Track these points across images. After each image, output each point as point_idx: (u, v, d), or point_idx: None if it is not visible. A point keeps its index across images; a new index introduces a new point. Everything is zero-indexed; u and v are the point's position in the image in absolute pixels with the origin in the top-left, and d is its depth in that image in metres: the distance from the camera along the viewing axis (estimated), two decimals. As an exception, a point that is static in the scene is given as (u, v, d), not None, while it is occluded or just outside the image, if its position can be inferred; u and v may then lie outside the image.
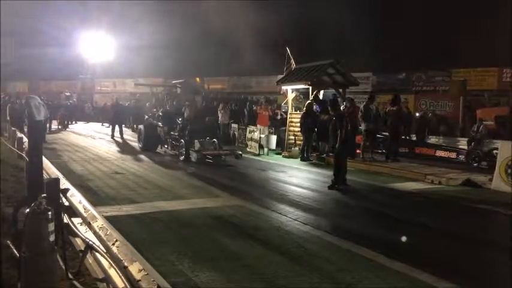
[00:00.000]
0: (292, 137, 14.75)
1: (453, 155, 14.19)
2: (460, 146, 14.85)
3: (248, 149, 15.05)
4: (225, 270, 4.31)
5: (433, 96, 23.01)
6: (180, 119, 14.01)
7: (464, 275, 4.52)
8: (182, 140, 12.69)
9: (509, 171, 9.03)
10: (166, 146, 14.11)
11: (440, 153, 14.55)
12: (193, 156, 11.77)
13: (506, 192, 8.82)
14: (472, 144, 14.15)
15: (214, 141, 12.79)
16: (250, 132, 15.70)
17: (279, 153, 14.64)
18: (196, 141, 12.32)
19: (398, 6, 24.77)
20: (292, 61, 16.30)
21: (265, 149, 14.62)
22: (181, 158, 12.31)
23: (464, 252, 5.38)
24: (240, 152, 12.58)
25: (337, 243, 5.37)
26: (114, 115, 19.44)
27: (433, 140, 16.31)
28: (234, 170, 11.09)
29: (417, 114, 19.66)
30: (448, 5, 23.16)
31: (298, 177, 10.39)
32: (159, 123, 14.67)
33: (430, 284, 4.20)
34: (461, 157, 13.81)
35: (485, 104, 19.71)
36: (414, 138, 16.51)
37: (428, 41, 24.20)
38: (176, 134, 13.57)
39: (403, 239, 5.61)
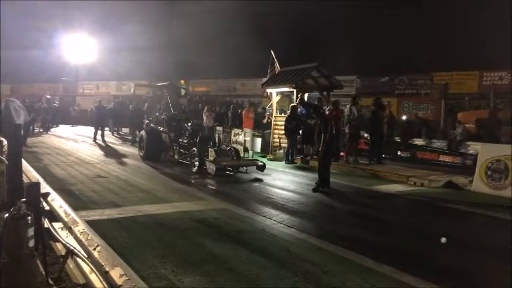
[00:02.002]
0: (277, 140, 14.80)
1: (458, 160, 13.26)
2: (471, 151, 13.28)
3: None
4: (209, 273, 4.29)
5: (415, 99, 23.37)
6: (189, 124, 12.49)
7: (446, 275, 4.58)
8: (195, 148, 11.05)
9: (488, 173, 9.21)
10: (171, 154, 12.68)
11: (444, 157, 13.63)
12: (211, 168, 10.26)
13: (486, 194, 9.00)
14: (453, 146, 14.39)
15: (230, 148, 11.48)
16: (235, 135, 15.69)
17: (264, 156, 14.66)
18: (211, 149, 10.90)
19: (382, 10, 25.10)
20: (277, 64, 16.38)
21: (250, 152, 14.62)
22: (194, 169, 10.79)
23: (447, 253, 5.44)
24: (263, 162, 11.19)
25: (321, 246, 5.39)
26: (97, 117, 19.20)
27: (436, 144, 15.83)
28: (218, 173, 11.02)
29: (404, 117, 19.93)
30: (429, 9, 23.56)
31: (283, 180, 10.40)
32: (162, 129, 13.25)
33: (413, 285, 4.24)
34: (469, 162, 12.51)
35: (466, 107, 20.08)
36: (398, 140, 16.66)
37: (410, 44, 24.57)
38: (185, 141, 12.00)
39: (387, 240, 5.67)
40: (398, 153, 14.87)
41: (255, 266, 4.55)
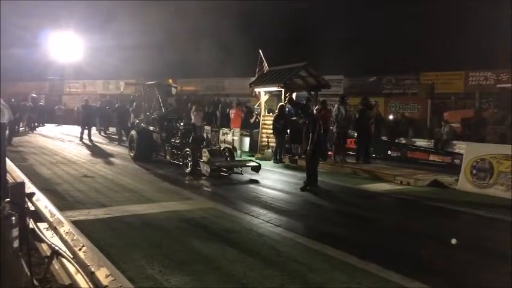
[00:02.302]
0: (265, 139, 14.81)
1: (444, 159, 13.48)
2: (457, 150, 13.58)
3: (221, 151, 14.96)
4: (196, 273, 4.28)
5: (402, 99, 23.58)
6: (181, 124, 12.18)
7: (432, 273, 4.63)
8: (188, 149, 10.72)
9: (474, 171, 9.33)
10: (162, 154, 12.34)
11: (431, 157, 13.78)
12: (205, 169, 10.01)
13: (471, 192, 9.13)
14: (440, 145, 14.55)
15: (225, 148, 11.31)
16: (223, 134, 15.67)
17: (252, 156, 14.66)
18: (204, 149, 10.52)
19: (370, 11, 25.30)
20: (265, 63, 16.39)
21: (239, 151, 14.61)
22: (187, 170, 10.54)
23: (432, 251, 5.51)
24: (259, 163, 10.97)
25: (309, 245, 5.41)
26: (83, 117, 18.97)
27: (423, 143, 15.97)
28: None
29: (391, 116, 20.12)
30: (416, 9, 23.80)
31: (270, 179, 10.41)
32: (153, 128, 12.91)
33: (401, 284, 4.27)
34: (455, 161, 12.59)
35: (452, 106, 20.34)
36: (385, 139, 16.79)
37: (397, 44, 24.81)
38: (178, 141, 11.68)
39: (374, 239, 5.72)
40: (389, 152, 14.98)
41: (242, 265, 4.56)
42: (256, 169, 10.61)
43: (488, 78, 21.85)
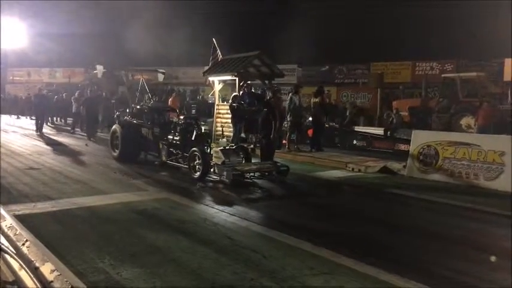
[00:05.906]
0: (220, 128, 14.72)
1: (393, 146, 13.73)
2: (404, 137, 13.29)
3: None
4: (149, 265, 4.21)
5: (353, 88, 24.20)
6: (181, 117, 10.55)
7: (381, 257, 4.78)
8: (196, 149, 8.65)
9: (420, 158, 9.73)
10: (154, 154, 10.40)
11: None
12: (225, 174, 8.15)
13: (418, 178, 9.54)
14: (388, 133, 15.04)
15: (240, 146, 9.50)
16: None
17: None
18: (218, 150, 8.99)
19: (322, 3, 25.63)
20: (219, 52, 16.24)
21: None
22: (196, 175, 8.58)
23: (381, 234, 5.71)
24: (287, 166, 9.15)
25: (263, 233, 5.46)
26: (37, 107, 17.92)
27: (372, 131, 16.05)
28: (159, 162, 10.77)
29: (342, 105, 20.60)
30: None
31: (225, 169, 10.37)
32: (140, 122, 10.80)
33: (349, 266, 4.40)
34: (403, 148, 12.65)
35: (400, 95, 21.11)
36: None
37: (349, 34, 25.34)
38: (177, 138, 9.62)
39: (326, 225, 5.86)
40: (355, 142, 15.26)
41: (196, 255, 4.53)
42: (284, 173, 8.96)
43: (433, 68, 22.86)
